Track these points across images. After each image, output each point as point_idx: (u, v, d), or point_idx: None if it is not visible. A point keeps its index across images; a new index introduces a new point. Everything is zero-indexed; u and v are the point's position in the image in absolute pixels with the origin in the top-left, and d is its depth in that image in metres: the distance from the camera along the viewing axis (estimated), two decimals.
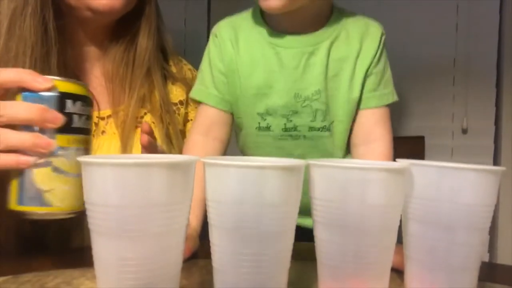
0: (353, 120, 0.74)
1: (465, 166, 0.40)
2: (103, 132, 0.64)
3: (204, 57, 0.75)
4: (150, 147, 0.47)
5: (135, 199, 0.33)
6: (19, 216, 0.43)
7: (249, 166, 0.35)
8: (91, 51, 0.66)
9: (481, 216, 0.41)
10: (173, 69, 0.73)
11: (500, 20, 1.34)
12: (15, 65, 0.52)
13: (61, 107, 0.41)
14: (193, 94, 0.70)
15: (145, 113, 0.67)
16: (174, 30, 0.90)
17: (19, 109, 0.40)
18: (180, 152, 0.68)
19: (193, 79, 0.76)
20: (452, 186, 0.40)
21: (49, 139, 0.41)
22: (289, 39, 0.69)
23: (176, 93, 0.72)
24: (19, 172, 0.42)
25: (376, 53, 0.72)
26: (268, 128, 0.74)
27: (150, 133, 0.49)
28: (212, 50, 0.74)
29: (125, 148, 0.62)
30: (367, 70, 0.71)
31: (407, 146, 1.24)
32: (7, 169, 0.41)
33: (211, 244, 0.38)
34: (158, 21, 0.70)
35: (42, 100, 0.40)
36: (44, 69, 0.53)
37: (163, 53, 0.72)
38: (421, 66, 1.37)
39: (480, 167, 0.40)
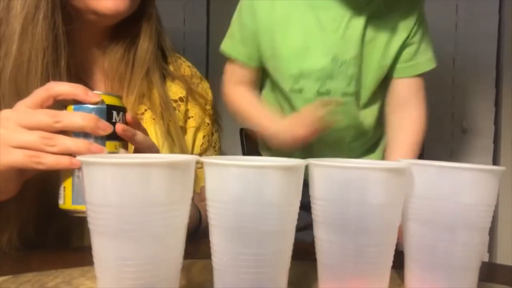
0: (385, 87, 0.75)
1: (465, 166, 0.40)
2: None
3: (236, 11, 0.76)
4: (128, 135, 0.48)
5: (135, 199, 0.33)
6: (71, 214, 0.47)
7: (249, 166, 0.35)
8: (93, 51, 0.67)
9: (481, 216, 0.41)
10: (171, 67, 0.74)
11: (500, 20, 1.34)
12: (28, 68, 0.53)
13: (108, 118, 0.47)
14: (223, 47, 0.75)
15: (145, 110, 0.67)
16: (173, 29, 0.89)
17: (74, 117, 0.45)
18: (181, 148, 0.68)
19: (192, 76, 0.76)
20: (452, 186, 0.40)
21: (101, 146, 0.45)
22: (330, 1, 0.68)
23: (176, 90, 0.72)
24: (74, 174, 0.46)
25: (416, 22, 0.71)
26: (300, 91, 0.73)
27: (134, 124, 0.50)
28: (244, 6, 0.74)
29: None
30: (405, 40, 0.71)
31: None
32: (60, 168, 0.45)
33: (211, 244, 0.38)
34: (158, 22, 0.71)
35: (93, 111, 0.46)
36: (55, 73, 0.56)
37: (161, 52, 0.73)
38: None
39: (480, 167, 0.40)
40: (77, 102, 0.46)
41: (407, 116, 0.75)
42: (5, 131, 0.45)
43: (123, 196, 0.33)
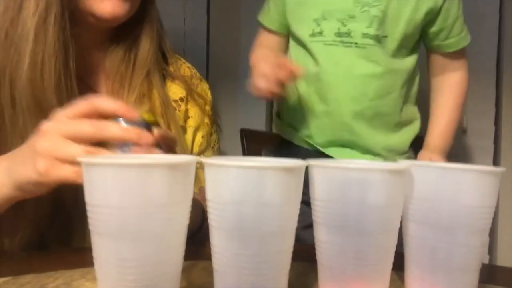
0: (428, 54, 0.81)
1: (465, 166, 0.40)
2: None
3: None
4: (168, 145, 0.50)
5: (135, 200, 0.33)
6: None
7: (249, 166, 0.35)
8: (94, 52, 0.67)
9: (481, 217, 0.40)
10: (171, 68, 0.74)
11: (500, 20, 1.34)
12: (42, 70, 0.54)
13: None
14: (260, 18, 0.85)
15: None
16: (173, 29, 0.89)
17: (116, 128, 0.46)
18: (182, 147, 0.69)
19: (192, 77, 0.77)
20: (452, 187, 0.40)
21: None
22: None
23: (176, 90, 0.73)
24: None
25: None
26: (320, 33, 0.76)
27: (166, 138, 0.51)
28: None
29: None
30: (434, 5, 0.74)
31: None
32: None
33: (211, 245, 0.38)
34: (158, 24, 0.71)
35: (136, 125, 0.47)
36: (66, 74, 0.57)
37: (162, 54, 0.73)
38: (421, 66, 1.37)
39: (480, 168, 0.40)
40: (121, 117, 0.47)
41: (446, 79, 0.82)
42: (50, 144, 0.44)
43: (124, 197, 0.33)
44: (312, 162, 0.40)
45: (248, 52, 1.00)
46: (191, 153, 0.72)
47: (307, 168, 0.39)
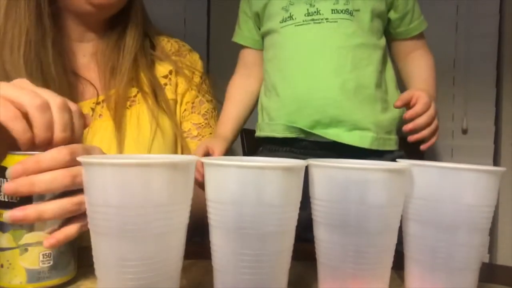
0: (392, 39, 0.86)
1: (465, 166, 0.40)
2: (100, 115, 0.68)
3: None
4: None
5: (135, 199, 0.33)
6: None
7: (249, 166, 0.35)
8: (86, 47, 0.71)
9: (481, 217, 0.40)
10: (159, 52, 0.77)
11: (500, 20, 1.34)
12: (12, 46, 0.56)
13: None
14: (234, 38, 0.87)
15: (137, 92, 0.71)
16: (174, 30, 0.90)
17: None
18: (174, 122, 0.73)
19: (180, 48, 0.81)
20: (452, 187, 0.40)
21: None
22: None
23: (165, 67, 0.76)
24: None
25: None
26: (290, 17, 0.80)
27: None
28: None
29: (119, 126, 0.66)
30: None
31: (407, 147, 1.24)
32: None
33: (211, 245, 0.38)
34: (143, 10, 0.75)
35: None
36: (40, 52, 0.58)
37: (148, 39, 0.77)
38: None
39: (480, 168, 0.40)
40: None
41: (415, 55, 0.86)
42: None
43: (124, 197, 0.33)
44: (312, 162, 0.40)
45: None
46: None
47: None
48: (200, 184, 0.40)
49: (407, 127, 0.72)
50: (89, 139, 0.65)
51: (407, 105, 0.74)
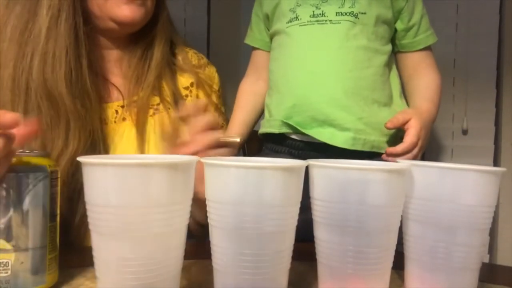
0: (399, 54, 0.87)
1: (465, 167, 0.40)
2: (124, 118, 0.70)
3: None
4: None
5: (135, 199, 0.33)
6: None
7: (249, 166, 0.35)
8: (113, 53, 0.73)
9: (481, 217, 0.40)
10: (181, 61, 0.79)
11: (500, 20, 1.34)
12: (53, 64, 0.60)
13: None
14: (246, 40, 0.91)
15: (160, 101, 0.74)
16: None
17: None
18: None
19: (199, 60, 0.82)
20: (452, 187, 0.40)
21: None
22: None
23: (186, 79, 0.78)
24: None
25: None
26: (296, 18, 0.82)
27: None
28: None
29: (142, 132, 0.69)
30: None
31: None
32: None
33: (211, 245, 0.38)
34: (170, 23, 0.77)
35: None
36: (77, 68, 0.62)
37: (171, 48, 0.79)
38: None
39: (480, 168, 0.40)
40: None
41: (421, 74, 0.85)
42: None
43: (124, 197, 0.33)
44: (312, 162, 0.40)
45: (248, 53, 1.00)
46: None
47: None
48: None
49: (385, 157, 0.73)
50: (116, 140, 0.67)
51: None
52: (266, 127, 0.88)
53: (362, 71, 0.79)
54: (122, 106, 0.71)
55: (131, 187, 0.33)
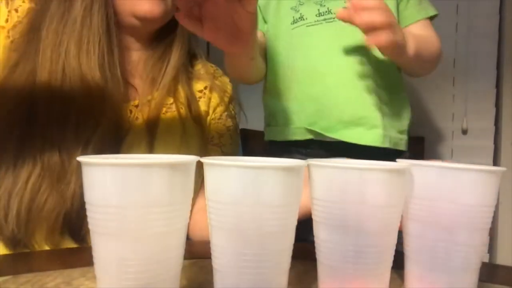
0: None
1: (465, 166, 0.40)
2: (136, 118, 0.72)
3: None
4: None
5: (135, 199, 0.33)
6: None
7: (249, 166, 0.35)
8: (132, 54, 0.75)
9: (481, 217, 0.41)
10: (198, 70, 0.82)
11: (500, 20, 1.34)
12: (87, 49, 0.64)
13: None
14: None
15: (173, 101, 0.76)
16: None
17: None
18: (201, 129, 0.77)
19: (214, 75, 0.83)
20: (452, 187, 0.40)
21: None
22: None
23: (201, 83, 0.80)
24: None
25: None
26: (301, 17, 0.78)
27: None
28: None
29: (152, 130, 0.71)
30: None
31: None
32: None
33: (211, 244, 0.38)
34: (194, 37, 0.80)
35: None
36: (109, 55, 0.66)
37: (192, 58, 0.82)
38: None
39: (480, 168, 0.40)
40: None
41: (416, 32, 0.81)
42: None
43: (124, 197, 0.33)
44: (312, 162, 0.40)
45: None
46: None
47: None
48: None
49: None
50: (128, 140, 0.68)
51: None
52: (283, 136, 0.85)
53: (378, 66, 0.78)
54: (137, 106, 0.72)
55: (131, 187, 0.33)
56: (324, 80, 0.78)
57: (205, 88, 0.80)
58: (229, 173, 0.35)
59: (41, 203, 0.59)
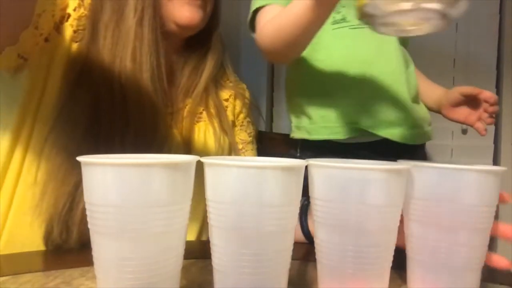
0: None
1: (465, 167, 0.40)
2: (170, 126, 0.73)
3: None
4: None
5: (135, 199, 0.33)
6: None
7: (249, 166, 0.35)
8: (168, 61, 0.75)
9: (482, 217, 0.40)
10: (225, 81, 0.84)
11: (500, 20, 1.34)
12: (140, 62, 0.64)
13: None
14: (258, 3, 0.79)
15: (203, 110, 0.78)
16: None
17: None
18: (233, 141, 0.80)
19: (236, 83, 0.86)
20: (453, 187, 0.40)
21: None
22: None
23: (226, 91, 0.83)
24: None
25: None
26: (343, 19, 0.77)
27: None
28: None
29: (188, 139, 0.73)
30: None
31: None
32: None
33: (211, 244, 0.38)
34: (222, 43, 0.81)
35: None
36: (158, 67, 0.66)
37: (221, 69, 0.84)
38: (421, 66, 1.38)
39: (480, 168, 0.40)
40: None
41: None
42: None
43: (124, 197, 0.33)
44: (312, 162, 0.40)
45: (248, 54, 1.00)
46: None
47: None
48: None
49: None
50: (165, 150, 0.69)
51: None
52: (324, 134, 0.84)
53: (408, 66, 0.81)
54: (170, 113, 0.73)
55: (131, 187, 0.33)
56: (371, 81, 0.79)
57: (230, 96, 0.83)
58: (229, 173, 0.35)
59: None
